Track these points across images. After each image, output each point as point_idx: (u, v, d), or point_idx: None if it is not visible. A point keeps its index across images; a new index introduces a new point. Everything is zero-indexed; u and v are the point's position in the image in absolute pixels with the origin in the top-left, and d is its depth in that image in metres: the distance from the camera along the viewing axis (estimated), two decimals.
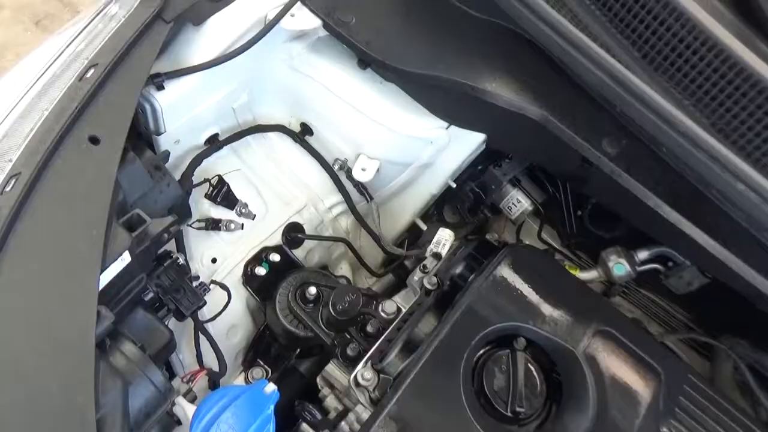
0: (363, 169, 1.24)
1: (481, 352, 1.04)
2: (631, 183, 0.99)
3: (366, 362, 1.04)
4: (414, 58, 1.07)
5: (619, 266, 1.43)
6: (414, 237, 1.54)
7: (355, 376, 1.03)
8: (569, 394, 0.99)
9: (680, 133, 0.89)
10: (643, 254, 1.44)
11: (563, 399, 1.00)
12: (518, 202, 1.58)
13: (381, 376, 1.03)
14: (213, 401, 0.84)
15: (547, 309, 1.04)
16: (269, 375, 1.33)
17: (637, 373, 1.01)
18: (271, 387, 0.88)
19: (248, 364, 1.33)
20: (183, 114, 1.09)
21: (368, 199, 1.31)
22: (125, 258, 0.81)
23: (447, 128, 1.22)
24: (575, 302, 1.06)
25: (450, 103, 1.16)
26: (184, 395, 0.95)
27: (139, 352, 0.83)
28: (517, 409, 0.97)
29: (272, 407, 0.87)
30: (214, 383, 1.25)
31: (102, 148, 0.83)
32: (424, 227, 1.45)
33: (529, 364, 1.02)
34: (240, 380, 1.32)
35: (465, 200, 1.59)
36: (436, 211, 1.60)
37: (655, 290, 1.61)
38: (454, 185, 1.36)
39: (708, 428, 0.99)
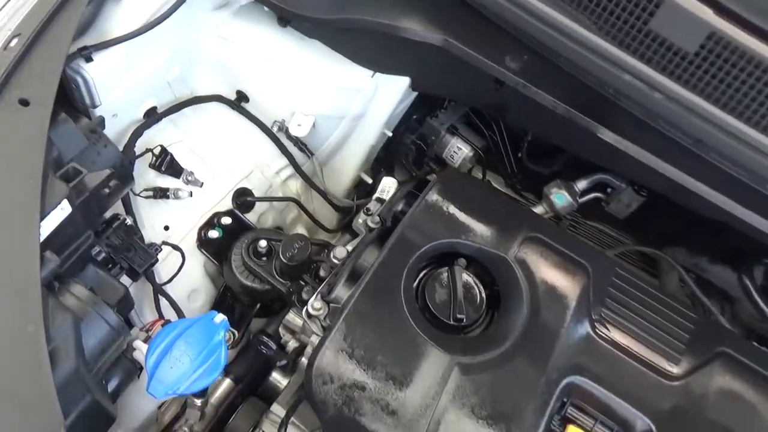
0: (299, 125, 1.31)
1: (423, 273, 1.11)
2: (539, 94, 1.06)
3: (316, 295, 1.10)
4: (324, 4, 1.14)
5: (560, 196, 1.51)
6: (363, 192, 1.61)
7: (307, 309, 1.09)
8: (506, 299, 1.06)
9: (572, 39, 0.97)
10: (581, 183, 1.53)
11: (501, 304, 1.07)
12: (459, 149, 1.65)
13: (331, 305, 1.09)
14: (165, 333, 0.90)
15: (477, 224, 1.11)
16: (235, 337, 1.38)
17: (566, 271, 1.08)
18: (220, 317, 0.94)
19: None
20: (115, 86, 1.14)
21: (309, 155, 1.38)
22: (65, 207, 0.86)
23: (372, 76, 1.29)
24: (503, 215, 1.14)
25: (369, 49, 1.23)
26: (144, 342, 1.00)
27: (89, 293, 0.88)
28: (458, 316, 1.04)
29: (223, 333, 0.92)
30: None
31: (32, 109, 0.88)
32: (369, 180, 1.52)
33: (469, 278, 1.09)
34: None
35: (408, 153, 1.67)
36: (383, 170, 1.68)
37: (601, 220, 1.70)
38: (390, 134, 1.43)
39: (637, 312, 1.07)
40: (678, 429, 0.97)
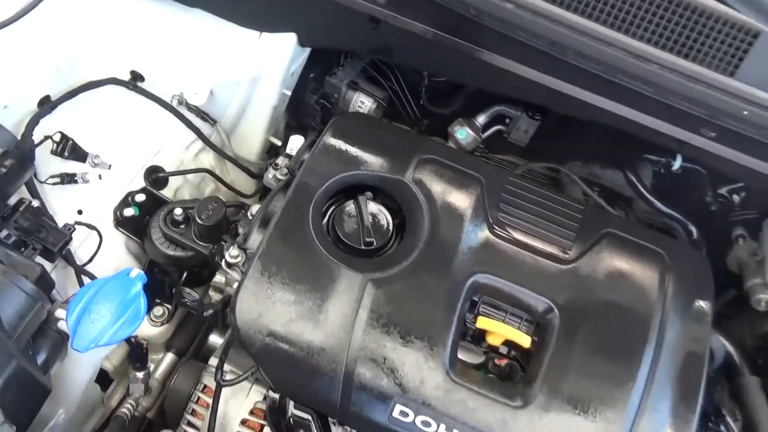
0: (195, 94, 1.34)
1: (332, 208, 1.18)
2: (410, 24, 1.14)
3: (233, 245, 1.15)
4: None
5: (462, 132, 1.60)
6: (275, 156, 1.66)
7: (225, 259, 1.14)
8: (409, 217, 1.14)
9: None
10: (481, 118, 1.62)
11: (406, 223, 1.15)
12: (362, 103, 1.72)
13: (247, 251, 1.14)
14: (83, 292, 0.93)
15: (373, 156, 1.17)
16: (170, 312, 1.42)
17: (460, 183, 1.16)
18: (136, 271, 0.98)
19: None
20: None
21: (212, 122, 1.42)
22: None
23: (260, 37, 1.34)
24: (397, 144, 1.21)
25: (251, 9, 1.28)
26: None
27: (1, 266, 0.90)
28: (368, 240, 1.11)
29: (140, 285, 0.96)
30: None
31: None
32: (279, 143, 1.57)
33: (375, 206, 1.16)
34: (144, 324, 1.39)
35: (315, 114, 1.73)
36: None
37: (508, 152, 1.80)
38: (289, 93, 1.48)
39: (529, 210, 1.16)
40: (575, 304, 1.07)
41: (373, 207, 1.16)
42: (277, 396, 1.07)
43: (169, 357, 1.42)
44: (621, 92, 1.13)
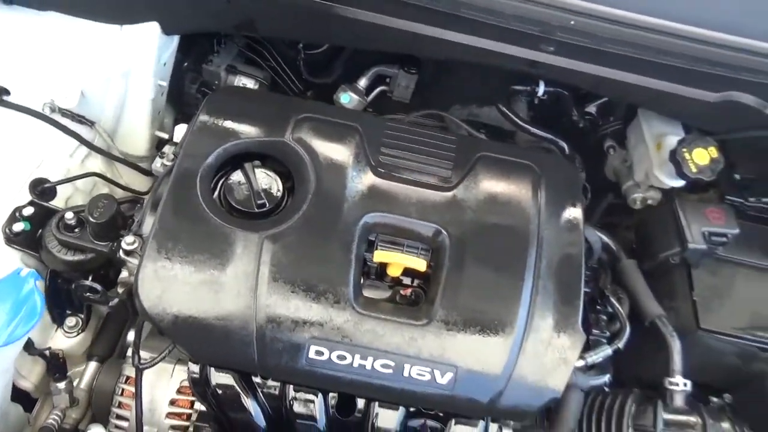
0: (66, 97, 1.33)
1: (221, 181, 1.21)
2: None
3: (128, 233, 1.16)
4: None
5: (346, 96, 1.66)
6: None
7: (122, 248, 1.14)
8: (296, 174, 1.18)
9: None
10: (362, 81, 1.68)
11: (294, 180, 1.19)
12: (244, 86, 1.74)
13: (143, 236, 1.15)
14: None
15: (250, 123, 1.20)
16: (83, 320, 1.40)
17: (339, 135, 1.22)
18: (26, 270, 0.97)
19: (58, 317, 1.39)
20: None
21: (89, 124, 1.40)
22: None
23: (121, 30, 1.34)
24: (273, 109, 1.25)
25: (104, 3, 1.28)
26: None
27: None
28: (259, 202, 1.15)
29: (32, 282, 0.96)
30: None
31: None
32: (166, 136, 1.57)
33: (263, 171, 1.20)
34: (59, 337, 1.37)
35: (198, 103, 1.72)
36: None
37: (397, 111, 1.87)
38: (164, 84, 1.49)
39: (408, 149, 1.23)
40: (461, 225, 1.15)
41: (261, 173, 1.19)
42: (197, 367, 1.09)
43: (93, 365, 1.40)
44: (467, 25, 1.21)
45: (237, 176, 1.18)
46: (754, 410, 1.15)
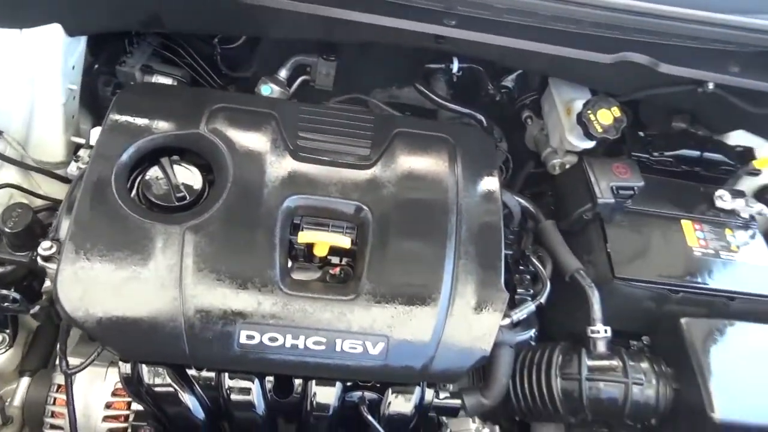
0: None
1: (138, 179, 1.19)
2: None
3: (45, 240, 1.13)
4: None
5: (266, 88, 1.65)
6: None
7: (39, 254, 1.12)
8: (214, 164, 1.18)
9: None
10: (283, 72, 1.68)
11: (213, 171, 1.19)
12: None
13: (60, 241, 1.13)
14: None
15: (162, 119, 1.19)
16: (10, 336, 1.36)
17: (255, 122, 1.22)
18: None
19: None
20: None
21: None
22: None
23: (21, 33, 1.30)
24: (186, 101, 1.24)
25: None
26: None
27: None
28: (178, 195, 1.14)
29: None
30: None
31: None
32: (82, 141, 1.54)
33: (182, 165, 1.19)
34: None
35: None
36: None
37: (321, 100, 1.89)
38: (75, 87, 1.45)
39: (325, 131, 1.25)
40: (382, 200, 1.18)
41: (181, 167, 1.18)
42: (127, 366, 1.08)
43: (25, 381, 1.36)
44: (373, 4, 1.23)
45: (154, 172, 1.17)
46: (668, 348, 1.23)
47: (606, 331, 1.22)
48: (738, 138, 1.54)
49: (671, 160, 1.47)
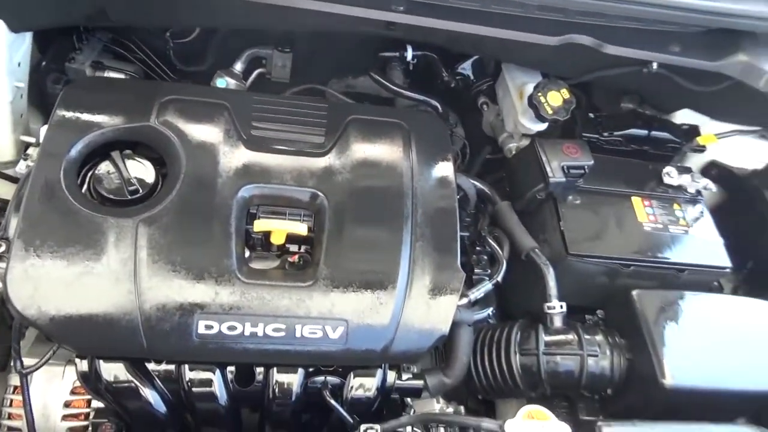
0: None
1: (89, 174, 1.17)
2: None
3: None
4: None
5: (221, 81, 1.64)
6: None
7: None
8: (167, 156, 1.17)
9: None
10: (238, 65, 1.67)
11: (166, 163, 1.18)
12: None
13: (9, 239, 1.11)
14: None
15: (111, 113, 1.17)
16: None
17: (207, 114, 1.22)
18: None
19: None
20: None
21: None
22: None
23: None
24: (135, 94, 1.23)
25: None
26: None
27: None
28: (130, 189, 1.13)
29: None
30: None
31: None
32: (32, 140, 1.50)
33: (134, 158, 1.18)
34: None
35: None
36: None
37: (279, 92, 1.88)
38: (22, 85, 1.41)
39: (279, 120, 1.25)
40: (338, 186, 1.19)
41: (133, 160, 1.17)
42: (84, 363, 1.07)
43: None
44: None
45: (106, 166, 1.15)
46: (621, 320, 1.27)
47: (562, 307, 1.25)
48: (684, 117, 1.60)
49: (620, 139, 1.51)
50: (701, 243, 1.39)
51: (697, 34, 1.36)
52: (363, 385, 1.15)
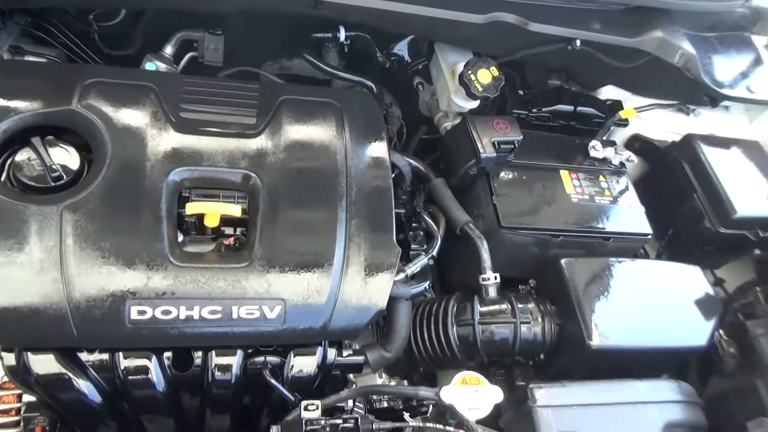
0: None
1: (8, 162, 1.13)
2: None
3: None
4: None
5: (150, 64, 1.59)
6: None
7: None
8: (92, 140, 1.14)
9: None
10: (168, 48, 1.62)
11: (91, 147, 1.14)
12: None
13: None
14: None
15: (28, 98, 1.13)
16: None
17: (133, 97, 1.18)
18: None
19: None
20: None
21: None
22: None
23: None
24: (54, 78, 1.18)
25: None
26: None
27: None
28: (53, 175, 1.09)
29: None
30: None
31: None
32: None
33: (57, 144, 1.13)
34: None
35: None
36: None
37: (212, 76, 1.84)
38: None
39: (210, 102, 1.23)
40: (271, 167, 1.18)
41: (56, 146, 1.13)
42: (11, 355, 1.03)
43: None
44: None
45: (26, 153, 1.11)
46: (551, 287, 1.33)
47: (496, 278, 1.30)
48: (608, 93, 1.66)
49: (548, 115, 1.56)
50: (625, 212, 1.46)
51: (616, 11, 1.42)
52: (303, 363, 1.16)
